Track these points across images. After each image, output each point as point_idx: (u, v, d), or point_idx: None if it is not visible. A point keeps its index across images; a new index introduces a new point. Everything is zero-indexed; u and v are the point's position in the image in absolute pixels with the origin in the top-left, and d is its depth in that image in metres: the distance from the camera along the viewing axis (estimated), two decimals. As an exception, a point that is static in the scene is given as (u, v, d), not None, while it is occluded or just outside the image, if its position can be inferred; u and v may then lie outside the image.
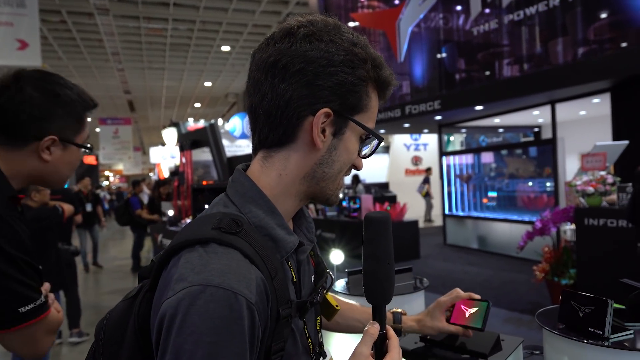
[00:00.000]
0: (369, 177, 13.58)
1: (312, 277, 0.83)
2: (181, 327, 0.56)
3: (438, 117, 9.18)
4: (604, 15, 6.68)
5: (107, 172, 38.47)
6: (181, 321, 0.56)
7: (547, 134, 10.42)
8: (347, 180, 8.04)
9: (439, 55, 9.46)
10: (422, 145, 15.59)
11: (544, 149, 8.44)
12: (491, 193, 9.86)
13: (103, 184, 32.90)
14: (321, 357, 0.82)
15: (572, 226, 5.17)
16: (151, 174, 28.50)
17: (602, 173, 4.72)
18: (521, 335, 1.30)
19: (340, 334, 1.19)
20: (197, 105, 21.44)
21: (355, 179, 11.10)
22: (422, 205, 13.52)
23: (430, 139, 15.27)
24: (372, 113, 0.77)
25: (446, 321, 1.12)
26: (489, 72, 8.64)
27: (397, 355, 0.71)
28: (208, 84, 17.41)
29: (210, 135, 7.38)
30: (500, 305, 5.33)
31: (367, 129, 0.75)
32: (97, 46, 12.87)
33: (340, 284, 1.79)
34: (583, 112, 9.26)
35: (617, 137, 6.24)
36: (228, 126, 17.67)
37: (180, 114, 23.58)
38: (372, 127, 0.77)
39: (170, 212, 7.54)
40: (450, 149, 12.76)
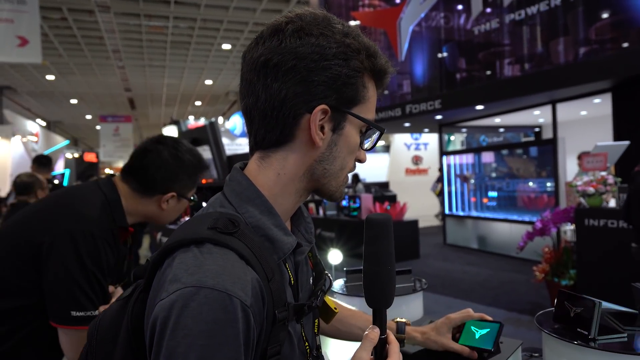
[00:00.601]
0: (369, 177, 13.57)
1: (310, 279, 0.81)
2: (174, 329, 0.55)
3: (438, 117, 9.16)
4: (606, 15, 6.66)
5: (108, 170, 38.49)
6: (174, 323, 0.55)
7: (547, 134, 10.40)
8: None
9: (440, 54, 9.45)
10: (422, 145, 15.57)
11: (544, 149, 8.43)
12: (491, 193, 9.85)
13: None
14: None
15: (572, 226, 5.15)
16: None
17: (603, 173, 4.70)
18: (520, 336, 1.29)
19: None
20: (198, 103, 21.41)
21: (355, 178, 11.09)
22: (422, 205, 13.49)
23: (430, 139, 15.25)
24: (370, 104, 0.75)
25: (453, 339, 1.09)
26: (489, 72, 8.63)
27: None
28: (209, 82, 17.39)
29: (210, 133, 7.36)
30: (500, 305, 5.32)
31: (366, 121, 0.73)
32: (97, 43, 12.85)
33: (338, 284, 1.78)
34: (584, 112, 9.25)
35: (618, 137, 6.23)
36: (228, 124, 17.70)
37: (181, 112, 23.55)
38: (372, 118, 0.75)
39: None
40: (451, 148, 12.75)
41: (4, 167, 13.00)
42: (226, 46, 13.44)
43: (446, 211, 10.12)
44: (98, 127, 20.46)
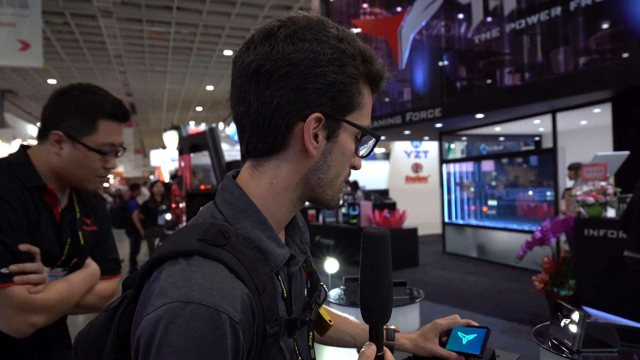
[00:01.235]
0: (368, 184, 13.57)
1: (305, 290, 0.79)
2: (160, 346, 0.53)
3: (439, 125, 9.17)
4: (606, 25, 6.68)
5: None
6: (160, 340, 0.53)
7: (547, 143, 10.41)
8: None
9: (441, 62, 9.47)
10: (422, 153, 15.59)
11: (544, 158, 8.43)
12: (491, 201, 9.84)
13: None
14: None
15: (563, 237, 5.17)
16: (151, 176, 28.49)
17: (603, 183, 4.69)
18: (519, 346, 1.27)
19: (334, 349, 1.16)
20: (199, 108, 21.47)
21: (355, 185, 11.08)
22: (421, 213, 13.47)
23: (430, 147, 15.26)
24: (366, 110, 0.72)
25: (441, 346, 1.08)
26: (490, 81, 8.64)
27: None
28: (210, 87, 17.44)
29: (209, 138, 7.36)
30: (499, 315, 5.28)
31: (361, 129, 0.71)
32: (99, 48, 12.90)
33: (335, 292, 1.77)
34: (584, 122, 9.26)
35: (617, 147, 6.22)
36: (229, 130, 17.70)
37: (182, 117, 23.60)
38: (367, 125, 0.73)
39: (168, 217, 7.52)
40: (451, 156, 12.75)
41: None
42: (227, 52, 13.49)
43: (445, 219, 10.09)
44: (98, 132, 20.46)
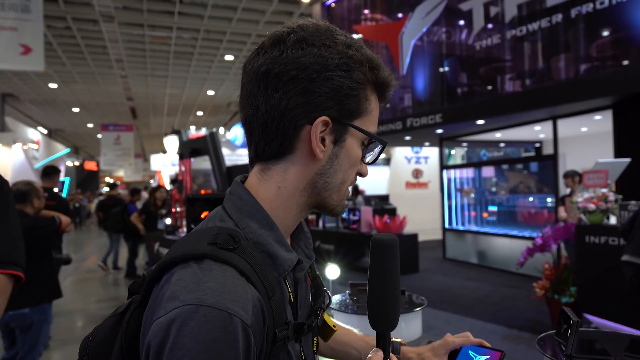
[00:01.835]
0: (369, 189, 13.56)
1: (310, 296, 0.79)
2: (172, 349, 0.53)
3: (439, 131, 9.18)
4: (607, 32, 6.70)
5: (108, 179, 38.52)
6: (172, 343, 0.53)
7: (548, 150, 10.41)
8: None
9: (441, 69, 9.49)
10: (423, 158, 15.60)
11: (545, 164, 8.43)
12: (491, 207, 9.83)
13: (103, 190, 32.90)
14: None
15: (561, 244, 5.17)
16: (152, 181, 28.52)
17: (604, 190, 4.69)
18: (519, 353, 1.27)
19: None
20: (200, 113, 21.50)
21: (355, 190, 11.08)
22: (421, 219, 13.48)
23: (431, 152, 15.27)
24: (372, 117, 0.74)
25: None
26: (490, 87, 8.66)
27: None
28: (211, 92, 17.47)
29: (210, 143, 7.36)
30: (500, 322, 5.26)
31: (368, 134, 0.72)
32: (101, 53, 12.94)
33: (336, 298, 1.76)
34: (585, 129, 9.26)
35: (618, 154, 6.23)
36: (229, 135, 17.71)
37: (183, 122, 23.63)
38: (374, 131, 0.74)
39: (167, 221, 7.51)
40: (451, 162, 12.75)
41: (4, 175, 12.82)
42: (229, 57, 13.53)
43: (446, 225, 10.08)
44: (99, 136, 20.53)
